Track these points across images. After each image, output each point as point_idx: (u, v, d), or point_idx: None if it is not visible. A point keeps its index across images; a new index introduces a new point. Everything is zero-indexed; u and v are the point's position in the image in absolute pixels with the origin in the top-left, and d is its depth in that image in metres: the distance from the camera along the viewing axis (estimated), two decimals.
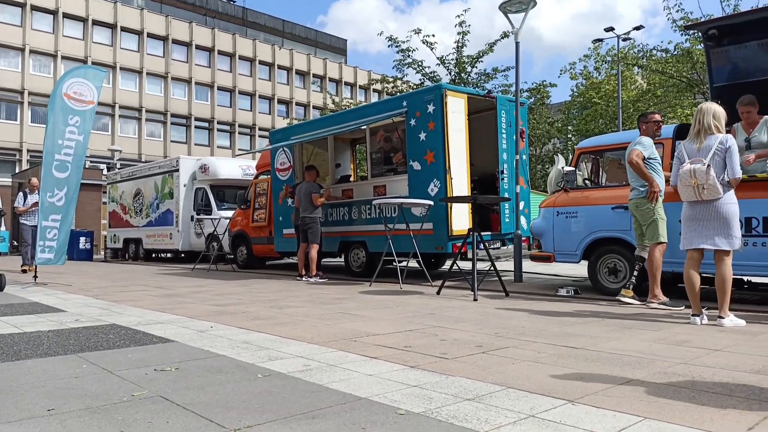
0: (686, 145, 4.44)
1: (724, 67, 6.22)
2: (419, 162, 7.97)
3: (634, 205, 5.31)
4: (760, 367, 2.79)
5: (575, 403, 2.19)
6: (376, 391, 2.39)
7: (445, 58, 17.41)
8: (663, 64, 15.83)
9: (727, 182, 4.20)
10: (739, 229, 4.23)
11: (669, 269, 5.54)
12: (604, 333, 3.82)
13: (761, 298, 5.88)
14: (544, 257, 6.75)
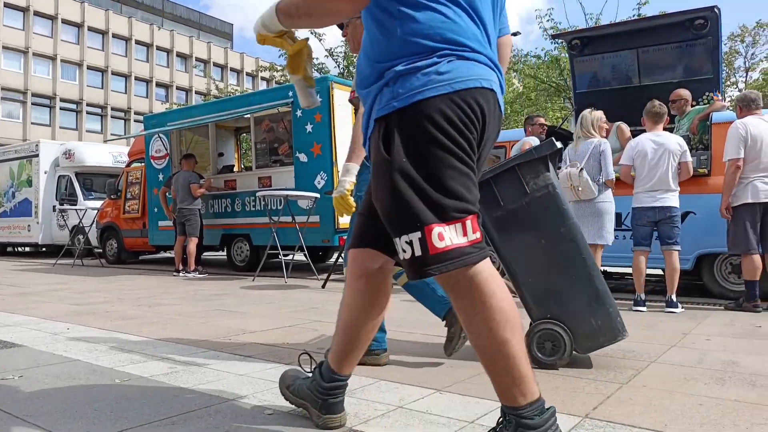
0: (569, 150, 4.80)
1: (586, 74, 6.79)
2: (306, 154, 7.85)
3: None
4: (608, 349, 3.04)
5: (443, 391, 2.25)
6: (246, 391, 2.29)
7: (333, 51, 17.32)
8: (535, 69, 17.01)
9: (603, 183, 4.60)
10: (612, 226, 4.65)
11: None
12: None
13: (615, 287, 6.50)
14: None
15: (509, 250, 2.69)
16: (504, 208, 2.65)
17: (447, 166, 1.44)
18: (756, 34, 28.11)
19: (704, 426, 1.83)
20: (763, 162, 4.45)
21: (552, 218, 2.60)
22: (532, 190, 2.61)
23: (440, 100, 1.44)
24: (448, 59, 1.46)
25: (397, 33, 1.48)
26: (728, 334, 3.54)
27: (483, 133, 1.52)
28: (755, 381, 2.39)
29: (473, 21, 1.52)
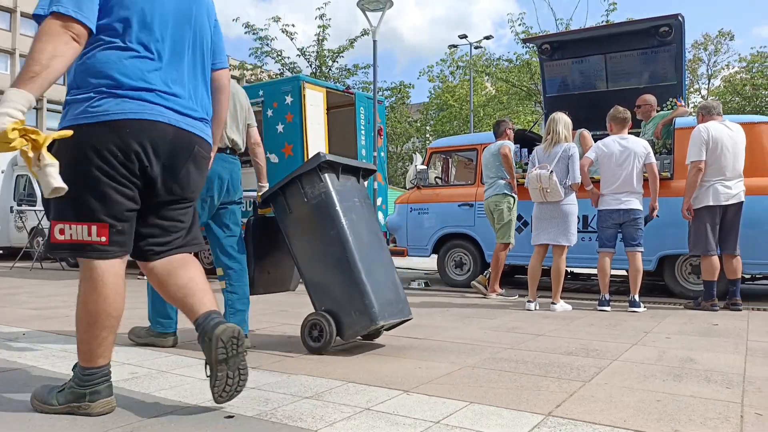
0: (538, 151, 4.88)
1: (556, 79, 6.91)
2: (276, 154, 7.79)
3: (493, 203, 5.54)
4: (573, 348, 3.11)
5: (410, 393, 2.26)
6: (209, 396, 2.26)
7: (305, 50, 17.24)
8: (507, 73, 17.29)
9: (569, 186, 4.69)
10: (576, 227, 4.76)
11: (509, 262, 6.02)
12: (446, 323, 4.03)
13: (581, 287, 6.63)
14: (398, 251, 6.98)
15: (297, 251, 3.12)
16: (292, 214, 3.11)
17: (83, 180, 1.85)
18: (718, 42, 29.06)
19: (661, 421, 1.88)
20: (723, 166, 4.59)
21: (325, 222, 3.00)
22: (310, 198, 3.03)
23: (90, 128, 1.83)
24: (102, 96, 1.84)
25: (76, 66, 1.88)
26: (687, 332, 3.64)
27: (150, 157, 1.90)
28: (710, 377, 2.47)
29: (155, 60, 1.91)
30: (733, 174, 4.61)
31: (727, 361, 2.78)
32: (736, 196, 4.60)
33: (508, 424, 1.87)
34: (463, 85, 25.66)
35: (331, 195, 2.99)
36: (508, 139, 5.59)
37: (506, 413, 1.98)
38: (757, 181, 4.97)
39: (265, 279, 3.36)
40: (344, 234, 2.97)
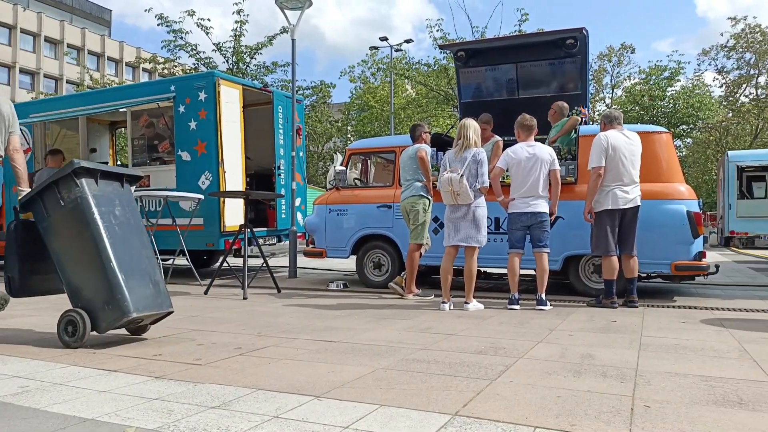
0: (449, 155, 4.99)
1: (470, 85, 7.12)
2: (189, 152, 7.48)
3: (409, 204, 5.60)
4: (482, 347, 3.21)
5: (321, 398, 2.23)
6: (108, 409, 2.12)
7: (221, 46, 16.68)
8: (426, 77, 17.65)
9: (478, 189, 4.83)
10: (486, 229, 4.91)
11: (424, 263, 6.13)
12: (362, 324, 4.03)
13: (494, 286, 6.87)
14: (316, 253, 6.91)
15: (56, 252, 3.31)
16: (50, 218, 3.31)
17: None
18: (621, 55, 31.27)
19: (559, 417, 1.97)
20: (621, 172, 4.91)
21: (81, 225, 3.22)
22: (66, 202, 3.25)
23: None
24: None
25: None
26: (588, 329, 3.87)
27: None
28: (606, 372, 2.63)
29: None
30: (630, 180, 4.94)
31: (623, 357, 2.98)
32: (633, 200, 4.94)
33: (415, 425, 1.89)
34: (384, 87, 25.90)
35: (87, 199, 3.22)
36: (424, 142, 5.69)
37: (415, 414, 2.00)
38: (651, 186, 5.37)
39: (37, 280, 3.54)
40: (99, 235, 3.20)
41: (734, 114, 28.38)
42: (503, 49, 6.78)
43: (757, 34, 27.46)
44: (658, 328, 3.87)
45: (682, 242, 5.30)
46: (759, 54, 27.54)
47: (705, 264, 5.35)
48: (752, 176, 16.93)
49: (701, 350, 3.13)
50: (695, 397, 2.21)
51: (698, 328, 3.86)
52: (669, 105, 25.64)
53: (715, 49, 29.16)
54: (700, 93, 26.51)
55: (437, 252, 5.70)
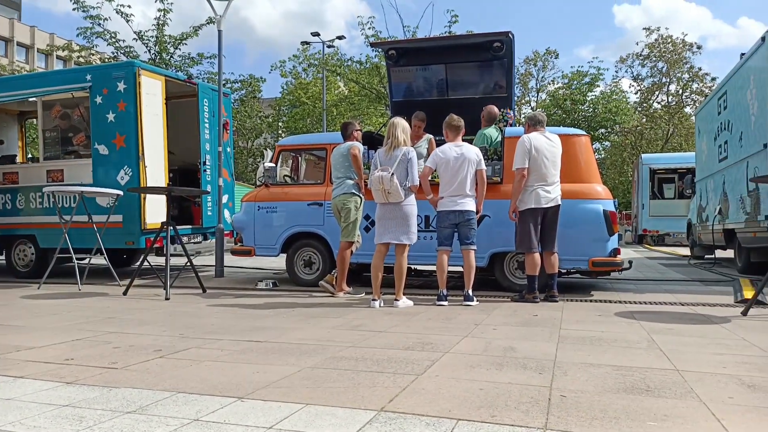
0: (380, 154, 5.00)
1: (401, 84, 7.18)
2: (107, 146, 7.09)
3: (341, 202, 5.56)
4: (410, 343, 3.25)
5: (245, 399, 2.17)
6: (13, 418, 1.97)
7: (143, 35, 15.92)
8: (357, 74, 17.67)
9: (408, 188, 4.87)
10: (416, 227, 4.97)
11: (356, 261, 6.12)
12: (290, 324, 3.97)
13: (424, 283, 6.98)
14: (244, 251, 6.74)
15: None
16: None
17: None
18: (545, 59, 32.64)
19: (481, 408, 2.02)
20: (543, 173, 5.12)
21: None
22: None
23: None
24: None
25: None
26: (511, 323, 4.00)
27: None
28: (527, 364, 2.73)
29: None
30: (552, 180, 5.16)
31: (542, 349, 3.10)
32: (554, 199, 5.16)
33: (341, 423, 1.88)
34: (316, 83, 25.68)
35: None
36: (356, 140, 5.68)
37: (340, 412, 1.99)
38: (571, 186, 5.62)
39: None
40: None
41: (648, 119, 30.35)
42: (433, 50, 6.89)
43: (668, 44, 29.49)
44: (576, 321, 4.06)
45: (599, 240, 5.59)
46: (670, 63, 29.59)
47: (619, 260, 5.67)
48: (663, 178, 18.16)
49: (614, 341, 3.31)
50: (607, 386, 2.34)
51: (612, 321, 4.09)
52: (589, 109, 27.04)
53: (632, 57, 31.06)
54: (617, 99, 28.16)
55: (368, 250, 5.70)
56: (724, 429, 1.82)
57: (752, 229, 6.80)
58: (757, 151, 6.50)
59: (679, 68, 29.58)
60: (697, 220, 10.44)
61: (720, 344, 3.21)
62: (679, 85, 30.27)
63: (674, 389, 2.28)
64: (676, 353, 2.97)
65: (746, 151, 7.02)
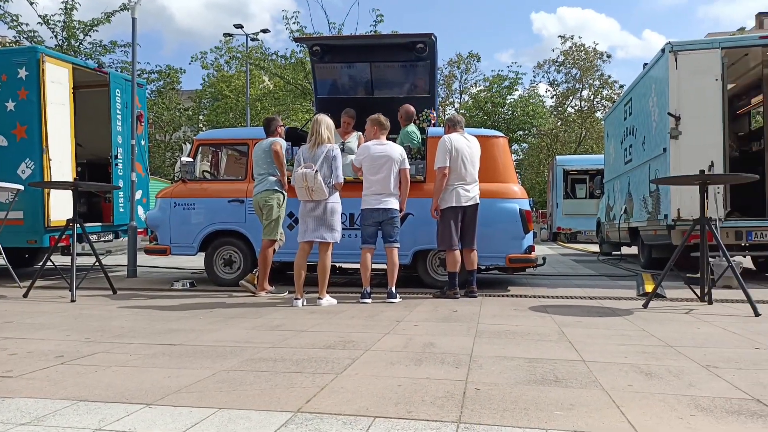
0: (303, 151, 4.92)
1: (326, 81, 7.12)
2: (5, 137, 6.54)
3: (263, 199, 5.42)
4: (332, 342, 3.23)
5: (153, 405, 2.07)
6: None
7: (49, 19, 14.81)
8: (282, 69, 17.32)
9: (333, 185, 4.83)
10: (340, 225, 4.94)
11: (278, 259, 6.00)
12: (207, 325, 3.83)
13: (348, 281, 6.97)
14: (159, 250, 6.44)
15: None
16: None
17: None
18: (468, 62, 33.56)
19: (398, 405, 2.04)
20: (463, 172, 5.25)
21: None
22: None
23: None
24: None
25: None
26: (432, 319, 4.08)
27: None
28: (445, 359, 2.79)
29: None
30: (471, 179, 5.31)
31: (460, 344, 3.18)
32: (473, 198, 5.31)
33: (255, 426, 1.83)
34: (239, 77, 24.95)
35: None
36: (279, 136, 5.58)
37: (255, 415, 1.94)
38: (489, 186, 5.81)
39: None
40: None
41: (563, 123, 31.95)
42: (358, 48, 6.88)
43: (582, 52, 31.17)
44: (493, 316, 4.20)
45: (515, 237, 5.82)
46: (583, 70, 31.29)
47: (534, 257, 5.92)
48: (576, 178, 19.20)
49: (527, 335, 3.45)
50: (519, 378, 2.43)
51: (526, 315, 4.26)
52: (508, 112, 28.11)
53: (548, 63, 32.55)
54: (534, 102, 29.44)
55: (292, 248, 5.62)
56: (622, 415, 1.94)
57: (653, 227, 7.32)
58: (658, 155, 7.00)
59: (591, 75, 31.36)
60: (605, 219, 11.11)
61: (623, 335, 3.43)
62: (591, 91, 32.10)
63: (580, 379, 2.41)
64: (584, 345, 3.13)
65: (648, 154, 7.54)
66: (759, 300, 4.74)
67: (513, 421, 1.88)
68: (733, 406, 2.03)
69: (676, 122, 6.47)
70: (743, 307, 4.42)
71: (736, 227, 6.49)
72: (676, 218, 6.47)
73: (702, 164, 6.24)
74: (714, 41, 6.64)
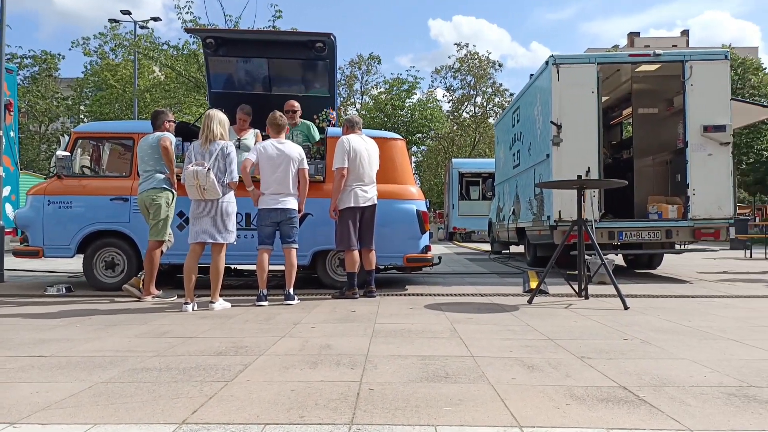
0: (195, 147, 4.68)
1: (221, 75, 6.86)
2: None
3: (149, 198, 5.11)
4: (223, 348, 3.10)
5: (18, 424, 1.87)
6: None
7: None
8: (174, 60, 16.48)
9: (227, 184, 4.65)
10: (235, 225, 4.76)
11: (167, 261, 5.68)
12: (84, 334, 3.54)
13: (244, 283, 6.76)
14: (31, 252, 5.86)
15: None
16: None
17: None
18: (369, 64, 33.91)
19: (291, 410, 2.00)
20: (361, 173, 5.28)
21: None
22: None
23: None
24: None
25: None
26: (330, 320, 4.06)
27: None
28: (341, 360, 2.78)
29: None
30: (369, 180, 5.36)
31: (357, 344, 3.18)
32: (371, 199, 5.36)
33: None
34: (126, 66, 23.36)
35: None
36: (167, 131, 5.28)
37: (135, 429, 1.81)
38: (387, 187, 5.90)
39: None
40: None
41: (459, 127, 33.27)
42: (255, 43, 6.70)
43: (476, 60, 32.65)
44: (390, 315, 4.27)
45: (413, 237, 5.95)
46: (477, 77, 32.80)
47: (430, 256, 6.10)
48: (470, 181, 20.09)
49: (422, 333, 3.54)
50: (412, 376, 2.48)
51: (422, 313, 4.37)
52: (407, 115, 28.79)
53: (445, 69, 33.76)
54: (432, 107, 30.41)
55: (182, 249, 5.35)
56: (506, 408, 2.04)
57: (538, 227, 7.83)
58: (542, 160, 7.49)
59: (484, 83, 32.97)
60: (496, 220, 11.72)
61: (509, 330, 3.62)
62: (484, 98, 33.74)
63: (469, 374, 2.51)
64: (473, 340, 3.27)
65: (534, 159, 8.05)
66: (628, 294, 5.23)
67: (404, 419, 1.91)
68: (603, 394, 2.21)
69: (557, 130, 6.96)
70: (615, 301, 4.84)
71: (610, 228, 7.11)
72: (558, 219, 6.96)
73: (580, 170, 6.77)
74: (591, 56, 7.23)
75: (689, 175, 6.94)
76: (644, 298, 5.29)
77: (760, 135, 27.72)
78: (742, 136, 26.82)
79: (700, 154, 6.91)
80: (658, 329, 3.66)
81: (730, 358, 2.81)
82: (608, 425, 1.85)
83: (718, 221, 6.91)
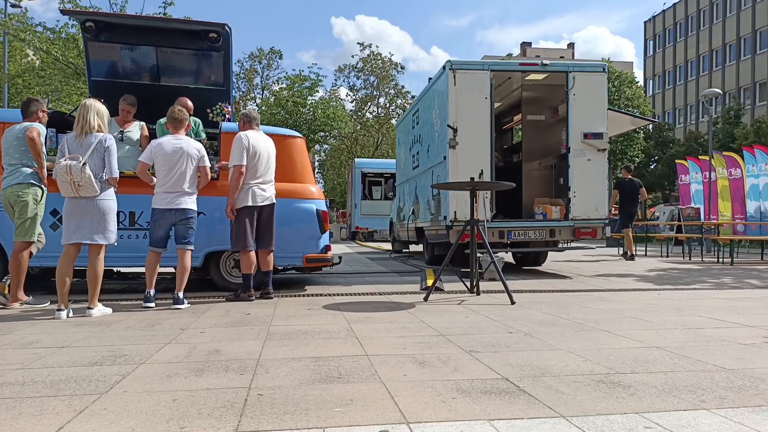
0: (69, 140, 4.29)
1: (103, 62, 6.36)
2: None
3: (14, 195, 4.61)
4: (99, 357, 2.87)
5: None
6: None
7: None
8: (49, 43, 15.06)
9: (105, 180, 4.29)
10: (115, 225, 4.41)
11: (38, 264, 5.18)
12: None
13: (129, 287, 6.33)
14: None
15: None
16: None
17: None
18: (270, 58, 33.18)
19: (171, 421, 1.88)
20: (259, 171, 5.13)
21: None
22: None
23: None
24: None
25: None
26: (222, 324, 3.89)
27: None
28: (230, 366, 2.66)
29: None
30: (267, 178, 5.22)
31: (249, 348, 3.07)
32: (269, 198, 5.22)
33: None
34: None
35: None
36: (39, 121, 4.81)
37: None
38: (286, 186, 5.78)
39: None
40: None
41: (362, 127, 33.52)
42: (142, 29, 6.28)
43: (379, 61, 33.06)
44: (287, 317, 4.18)
45: (312, 237, 5.88)
46: (380, 78, 33.24)
47: (330, 256, 6.06)
48: (373, 181, 20.29)
49: (318, 333, 3.49)
50: (304, 378, 2.43)
51: (320, 314, 4.33)
52: (310, 112, 28.51)
53: (348, 68, 33.86)
54: (335, 105, 30.35)
55: (55, 251, 4.89)
56: (395, 404, 2.05)
57: (436, 227, 8.05)
58: (439, 162, 7.72)
59: (387, 84, 33.50)
60: (396, 219, 11.92)
61: (404, 328, 3.68)
62: (387, 99, 34.27)
63: (361, 374, 2.50)
64: (369, 339, 3.28)
65: (432, 161, 8.27)
66: (515, 290, 5.52)
67: (293, 423, 1.86)
68: (487, 386, 2.30)
69: (454, 134, 7.21)
70: (504, 297, 5.09)
71: (500, 227, 7.48)
72: (454, 219, 7.20)
73: (474, 172, 7.06)
74: (485, 63, 7.55)
75: (570, 179, 7.46)
76: (529, 293, 5.61)
77: (632, 142, 30.58)
78: (618, 143, 29.43)
79: (580, 159, 7.46)
80: (540, 322, 3.89)
81: (601, 348, 3.05)
82: (490, 416, 1.92)
83: (595, 221, 7.50)
